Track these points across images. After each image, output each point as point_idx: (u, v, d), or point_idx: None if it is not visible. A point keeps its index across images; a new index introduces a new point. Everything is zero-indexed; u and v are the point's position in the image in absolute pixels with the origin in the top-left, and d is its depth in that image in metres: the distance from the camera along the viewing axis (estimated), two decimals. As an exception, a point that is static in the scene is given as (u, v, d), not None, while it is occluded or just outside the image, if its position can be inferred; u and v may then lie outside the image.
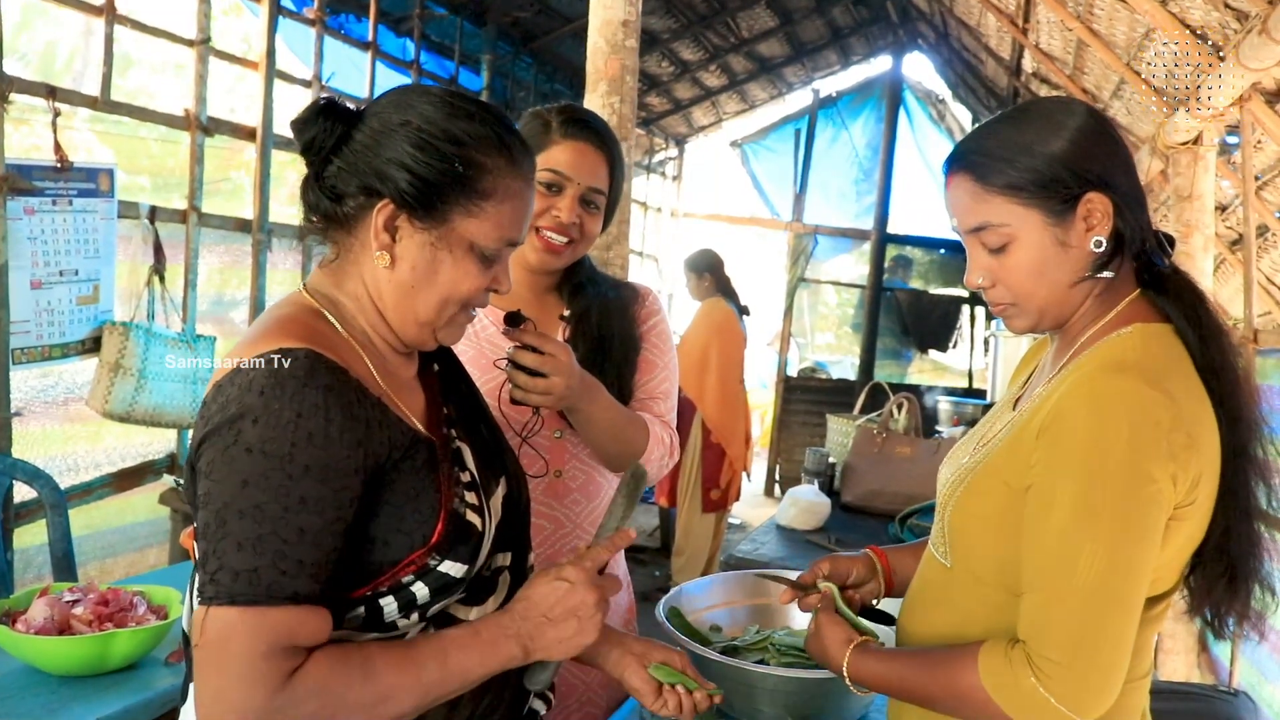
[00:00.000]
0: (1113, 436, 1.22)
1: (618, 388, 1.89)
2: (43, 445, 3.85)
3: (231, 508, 1.11)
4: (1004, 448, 1.37)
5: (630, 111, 3.32)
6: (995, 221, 1.35)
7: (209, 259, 4.62)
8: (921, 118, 10.17)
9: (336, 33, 5.51)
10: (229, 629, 1.10)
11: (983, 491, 1.38)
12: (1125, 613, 1.25)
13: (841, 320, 11.09)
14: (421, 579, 1.23)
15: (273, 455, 1.11)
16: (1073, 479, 1.24)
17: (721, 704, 1.65)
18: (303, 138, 1.28)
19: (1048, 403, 1.31)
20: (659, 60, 8.60)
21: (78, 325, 3.74)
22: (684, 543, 5.86)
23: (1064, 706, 1.22)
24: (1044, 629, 1.24)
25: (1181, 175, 3.92)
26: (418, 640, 1.24)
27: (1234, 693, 2.34)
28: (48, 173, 3.55)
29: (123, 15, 3.97)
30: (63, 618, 2.05)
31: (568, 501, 1.92)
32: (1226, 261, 5.29)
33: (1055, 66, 5.38)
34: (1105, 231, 1.33)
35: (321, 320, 1.28)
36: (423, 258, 1.27)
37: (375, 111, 1.29)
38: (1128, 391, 1.24)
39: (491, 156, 1.27)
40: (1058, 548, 1.24)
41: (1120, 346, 1.31)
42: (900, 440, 4.21)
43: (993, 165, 1.35)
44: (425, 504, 1.23)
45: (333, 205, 1.29)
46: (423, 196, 1.24)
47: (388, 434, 1.21)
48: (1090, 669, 1.23)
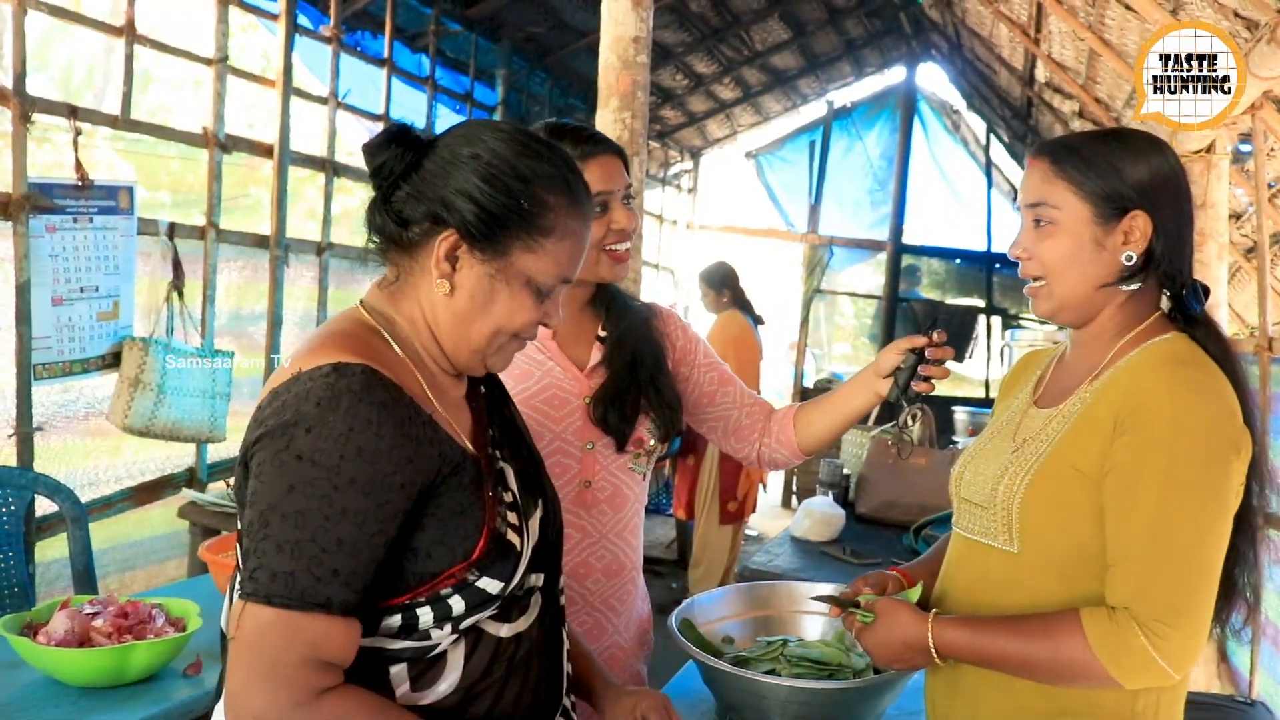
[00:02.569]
0: (1194, 420, 1.38)
1: (651, 401, 1.97)
2: (64, 459, 3.88)
3: (276, 510, 1.15)
4: (1067, 438, 1.49)
5: (642, 126, 3.35)
6: (1051, 202, 1.51)
7: (227, 274, 4.66)
8: (936, 128, 10.15)
9: (353, 50, 5.55)
10: (264, 628, 1.14)
11: (1052, 479, 1.48)
12: (1212, 580, 1.39)
13: (858, 331, 11.07)
14: (459, 593, 1.25)
15: (321, 465, 1.15)
16: (1160, 458, 1.37)
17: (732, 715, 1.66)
18: (374, 161, 1.32)
19: (1110, 394, 1.45)
20: (673, 73, 8.62)
21: (98, 341, 3.78)
22: (701, 554, 5.87)
23: (1168, 664, 1.34)
24: (1147, 593, 1.36)
25: (1195, 184, 3.91)
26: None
27: (1251, 702, 2.33)
28: (69, 191, 3.59)
29: (142, 35, 4.02)
30: (83, 630, 2.07)
31: (595, 512, 1.95)
32: (1241, 269, 5.27)
33: (1068, 76, 5.38)
34: (1139, 250, 1.48)
35: (378, 337, 1.31)
36: (481, 288, 1.30)
37: (446, 142, 1.32)
38: (1203, 382, 1.41)
39: (555, 195, 1.31)
40: (1152, 520, 1.37)
41: (1173, 348, 1.47)
42: (915, 451, 4.21)
43: (1071, 158, 1.51)
44: (470, 520, 1.26)
45: (398, 229, 1.31)
46: (486, 229, 1.27)
47: (438, 450, 1.24)
48: (1192, 629, 1.35)
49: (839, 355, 11.01)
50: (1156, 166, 1.48)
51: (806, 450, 2.05)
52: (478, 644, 1.30)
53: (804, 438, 2.03)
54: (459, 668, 1.29)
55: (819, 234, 9.96)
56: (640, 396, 1.95)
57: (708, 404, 2.10)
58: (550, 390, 1.92)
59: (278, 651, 1.14)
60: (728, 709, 1.89)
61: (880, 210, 10.18)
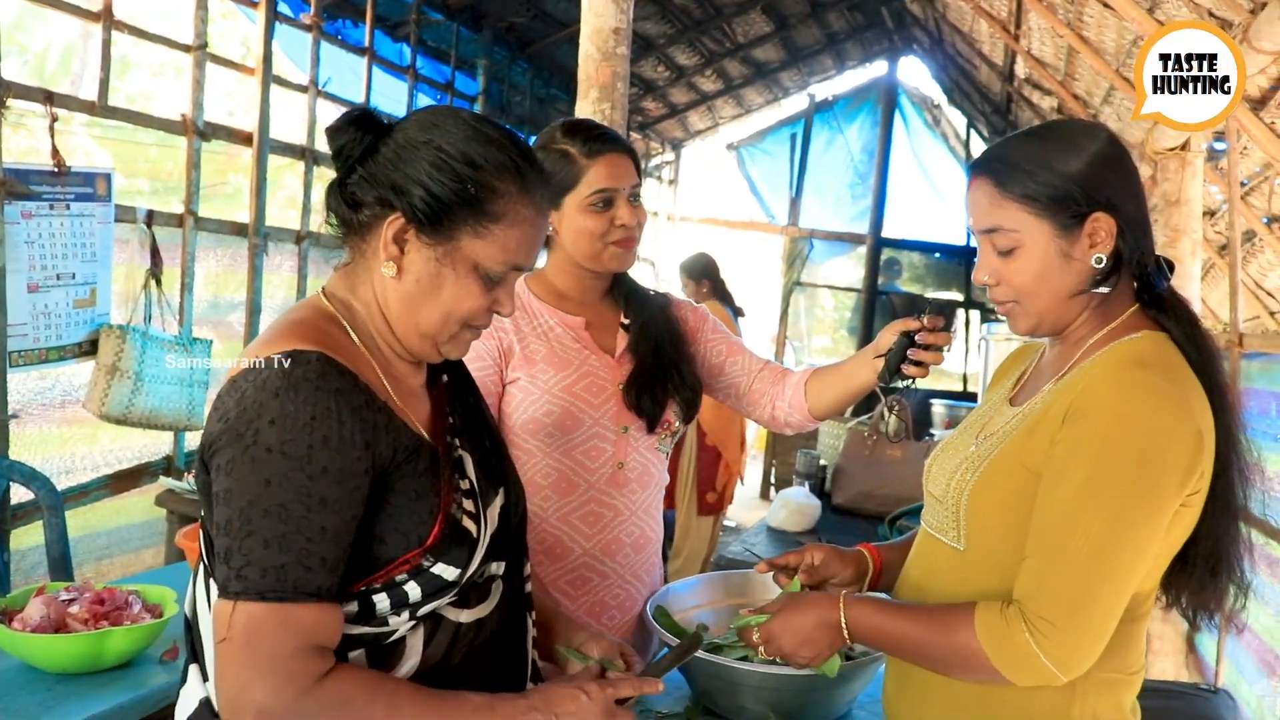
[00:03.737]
0: (1133, 419, 1.33)
1: (676, 385, 2.08)
2: (40, 447, 3.86)
3: (256, 506, 1.16)
4: (1020, 435, 1.45)
5: (621, 118, 3.35)
6: (1007, 226, 1.45)
7: (206, 262, 4.64)
8: (917, 122, 10.19)
9: (333, 38, 5.53)
10: (258, 624, 1.15)
11: (1000, 476, 1.45)
12: (1119, 583, 1.34)
13: (838, 324, 11.10)
14: (414, 579, 1.27)
15: (292, 456, 1.17)
16: (1088, 453, 1.33)
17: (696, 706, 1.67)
18: (334, 144, 1.33)
19: (1069, 391, 1.41)
20: (655, 65, 8.62)
21: (75, 328, 3.76)
22: (681, 545, 5.88)
23: (1052, 664, 1.31)
24: (1041, 590, 1.33)
25: (1170, 180, 3.96)
26: (443, 693, 1.27)
27: (1215, 690, 2.37)
28: (45, 177, 3.57)
29: (120, 21, 3.99)
30: (59, 616, 2.07)
31: (626, 491, 2.06)
32: (1215, 266, 5.32)
33: (1047, 73, 5.41)
34: (1107, 250, 1.42)
35: (335, 325, 1.33)
36: (427, 273, 1.31)
37: (404, 127, 1.33)
38: (1152, 383, 1.34)
39: (505, 182, 1.31)
40: (1062, 515, 1.34)
41: (1138, 348, 1.41)
42: (891, 443, 4.24)
43: (1012, 174, 1.44)
44: (424, 506, 1.28)
45: (350, 212, 1.33)
46: (432, 213, 1.28)
47: (392, 437, 1.26)
48: (1082, 632, 1.32)
49: (818, 348, 11.04)
50: (1097, 155, 1.42)
51: (818, 416, 2.13)
52: (436, 629, 1.32)
53: (814, 405, 2.11)
54: (418, 653, 1.31)
55: (799, 227, 10.00)
56: (669, 381, 2.06)
57: (718, 374, 2.20)
58: (588, 378, 2.02)
59: (275, 645, 1.15)
60: (702, 696, 1.91)
61: (860, 204, 10.22)
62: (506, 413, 2.01)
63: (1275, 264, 4.75)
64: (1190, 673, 3.98)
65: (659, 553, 2.19)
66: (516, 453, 2.00)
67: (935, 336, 1.82)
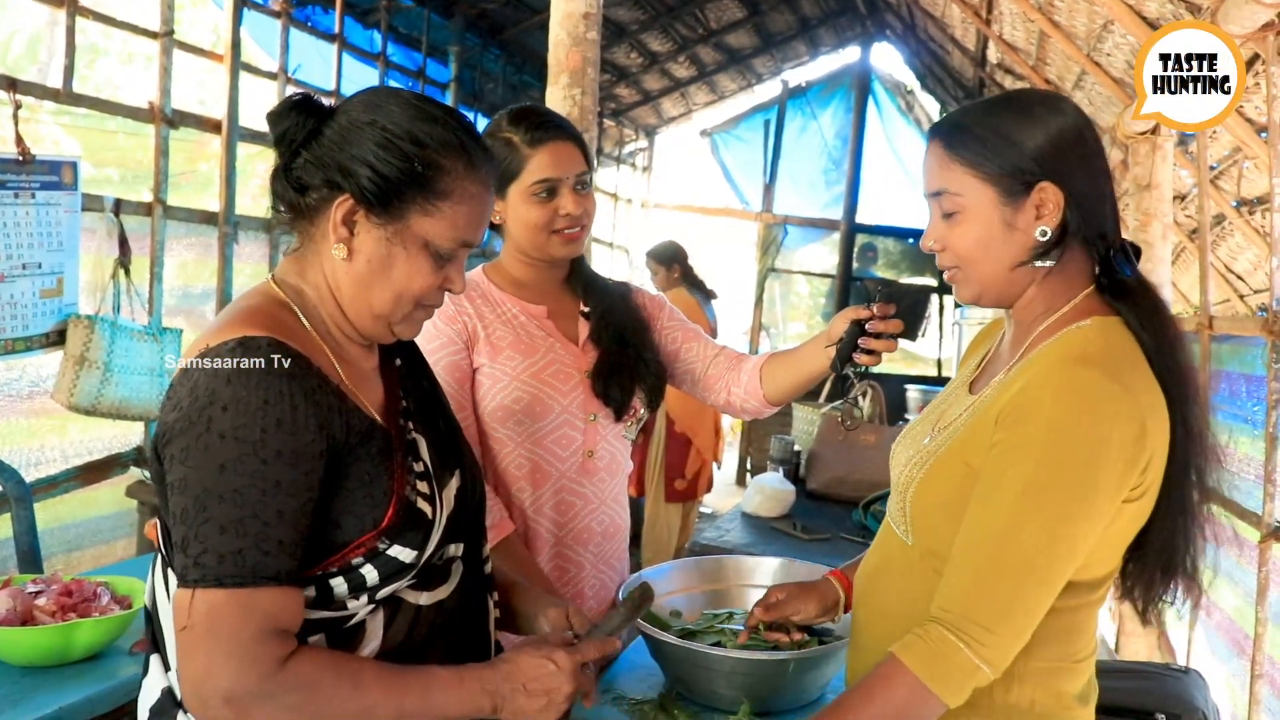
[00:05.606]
0: (1071, 425, 1.28)
1: (642, 372, 2.09)
2: (8, 439, 3.83)
3: (212, 493, 1.16)
4: (966, 431, 1.42)
5: (592, 103, 3.34)
6: (952, 189, 1.42)
7: (175, 251, 4.60)
8: (890, 108, 10.20)
9: (303, 25, 5.48)
10: (217, 610, 1.15)
11: (944, 472, 1.42)
12: (1051, 588, 1.32)
13: (813, 310, 11.14)
14: (371, 562, 1.27)
15: (245, 441, 1.16)
16: (1027, 461, 1.29)
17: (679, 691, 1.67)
18: (276, 130, 1.33)
19: (1009, 389, 1.36)
20: (628, 51, 8.60)
21: (41, 318, 3.72)
22: (650, 533, 5.86)
23: (989, 667, 1.30)
24: (977, 597, 1.31)
25: (1140, 165, 3.98)
26: (408, 669, 1.28)
27: (1185, 670, 2.38)
28: (10, 165, 3.52)
29: (85, 7, 3.94)
30: (26, 608, 2.05)
31: (595, 480, 2.08)
32: (1186, 250, 5.37)
33: (1019, 57, 5.43)
34: (1053, 223, 1.38)
35: (286, 311, 1.32)
36: (378, 253, 1.31)
37: (346, 109, 1.33)
38: (1090, 384, 1.29)
39: (451, 159, 1.31)
40: (999, 524, 1.31)
41: (1082, 339, 1.36)
42: (865, 428, 4.25)
43: (963, 138, 1.42)
44: (378, 489, 1.28)
45: (297, 196, 1.33)
46: (381, 193, 1.28)
47: (345, 420, 1.26)
48: (1015, 632, 1.31)
49: (794, 334, 11.07)
50: (1056, 128, 1.38)
51: (773, 402, 2.13)
52: (397, 612, 1.33)
53: (769, 391, 2.11)
54: (379, 636, 1.31)
55: (774, 213, 10.01)
56: (635, 369, 2.08)
57: (674, 360, 2.20)
58: (554, 365, 2.03)
59: (235, 630, 1.15)
60: (675, 682, 1.91)
61: (834, 190, 10.24)
62: (476, 401, 2.00)
63: (1245, 247, 4.79)
64: (1162, 654, 4.02)
65: (626, 539, 2.21)
66: (489, 444, 2.01)
67: (886, 324, 1.81)
